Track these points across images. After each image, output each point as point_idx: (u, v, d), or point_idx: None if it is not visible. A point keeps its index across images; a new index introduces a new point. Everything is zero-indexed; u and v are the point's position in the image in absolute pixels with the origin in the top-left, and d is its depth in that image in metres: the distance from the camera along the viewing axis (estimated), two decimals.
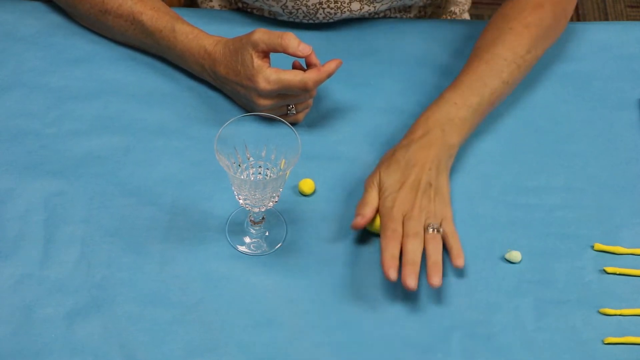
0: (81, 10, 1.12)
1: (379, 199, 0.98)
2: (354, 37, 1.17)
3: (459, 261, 0.96)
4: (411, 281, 0.92)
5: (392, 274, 0.92)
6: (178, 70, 1.12)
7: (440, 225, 0.97)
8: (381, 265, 0.93)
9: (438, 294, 0.96)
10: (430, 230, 0.96)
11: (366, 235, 1.00)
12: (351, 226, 0.97)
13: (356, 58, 1.14)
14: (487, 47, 1.06)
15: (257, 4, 1.15)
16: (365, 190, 0.99)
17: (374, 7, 1.15)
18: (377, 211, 0.98)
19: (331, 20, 1.16)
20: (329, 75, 1.00)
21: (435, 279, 0.93)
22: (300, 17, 1.16)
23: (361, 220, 0.97)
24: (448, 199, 0.99)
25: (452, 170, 1.04)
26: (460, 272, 0.98)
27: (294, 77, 0.99)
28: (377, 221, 0.98)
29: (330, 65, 1.00)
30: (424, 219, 0.97)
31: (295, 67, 1.04)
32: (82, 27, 1.15)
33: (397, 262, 0.93)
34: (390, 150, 1.01)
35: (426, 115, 1.02)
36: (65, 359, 0.90)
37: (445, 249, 0.97)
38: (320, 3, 1.13)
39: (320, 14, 1.14)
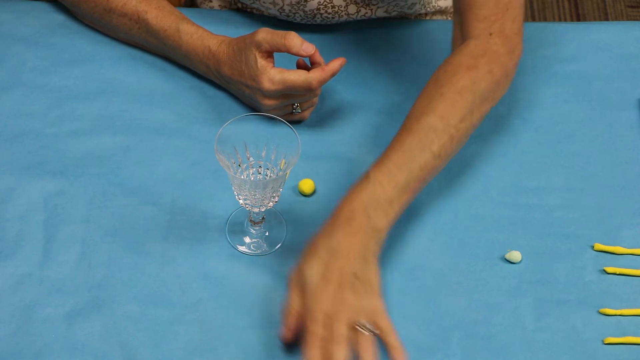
0: (85, 9, 1.12)
1: (302, 297, 0.89)
2: (354, 37, 1.17)
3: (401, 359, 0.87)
4: None
5: None
6: (179, 70, 1.12)
7: (371, 322, 0.88)
8: None
9: (438, 294, 0.96)
10: (362, 330, 0.87)
11: None
12: (279, 338, 0.91)
13: (356, 58, 1.15)
14: (417, 117, 0.96)
15: (255, 5, 1.15)
16: (288, 292, 0.91)
17: (371, 10, 1.15)
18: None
19: (329, 23, 1.16)
20: (333, 74, 1.00)
21: None
22: (298, 20, 1.16)
23: (287, 333, 0.89)
24: (378, 289, 0.90)
25: (452, 172, 1.04)
26: (460, 272, 0.98)
27: (298, 77, 0.99)
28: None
29: (334, 64, 1.00)
30: (350, 316, 0.87)
31: (299, 65, 1.04)
32: (83, 26, 1.15)
33: None
34: (312, 239, 0.93)
35: (350, 198, 0.93)
36: (65, 359, 0.90)
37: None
38: (318, 9, 1.13)
39: (318, 18, 1.14)
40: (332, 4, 1.12)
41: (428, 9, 1.22)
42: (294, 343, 0.91)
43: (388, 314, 0.90)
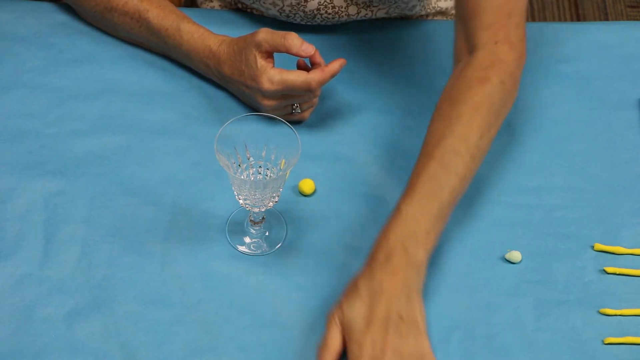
0: (87, 7, 1.12)
1: (345, 340, 0.87)
2: (354, 38, 1.17)
3: None
4: None
5: None
6: (179, 70, 1.12)
7: None
8: None
9: (438, 294, 0.96)
10: None
11: (366, 234, 0.99)
12: None
13: (356, 59, 1.15)
14: (437, 142, 0.95)
15: (255, 5, 1.15)
16: (326, 328, 0.88)
17: (371, 11, 1.15)
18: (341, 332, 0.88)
19: (329, 24, 1.16)
20: (332, 75, 1.00)
21: None
22: (298, 20, 1.16)
23: None
24: (423, 329, 0.88)
25: None
26: (460, 272, 0.98)
27: (298, 77, 0.99)
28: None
29: (334, 65, 1.00)
30: None
31: (299, 66, 1.04)
32: (83, 26, 1.15)
33: None
34: (352, 280, 0.90)
35: (385, 235, 0.91)
36: (65, 359, 0.90)
37: None
38: (318, 9, 1.13)
39: (318, 18, 1.14)
40: (332, 5, 1.12)
41: (429, 10, 1.22)
42: None
43: (434, 356, 0.88)
